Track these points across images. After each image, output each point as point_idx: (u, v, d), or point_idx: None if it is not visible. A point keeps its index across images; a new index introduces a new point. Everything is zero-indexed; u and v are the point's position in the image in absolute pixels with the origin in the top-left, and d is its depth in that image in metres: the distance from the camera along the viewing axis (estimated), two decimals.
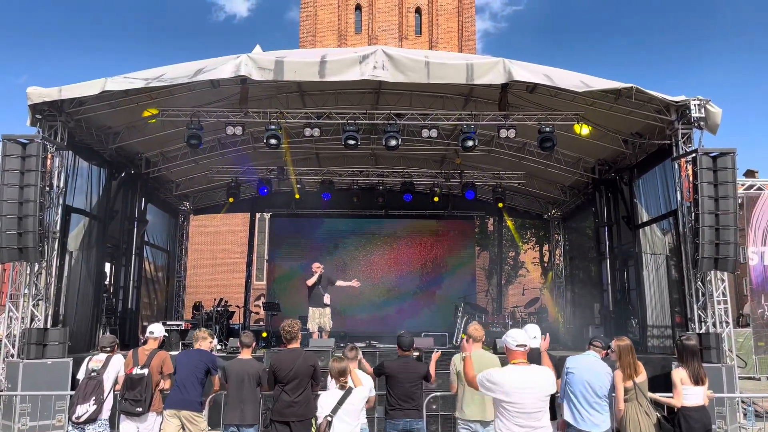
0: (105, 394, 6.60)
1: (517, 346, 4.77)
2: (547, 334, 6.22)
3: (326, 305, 12.10)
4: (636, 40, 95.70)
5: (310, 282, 12.15)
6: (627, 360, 5.92)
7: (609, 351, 6.14)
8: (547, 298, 20.22)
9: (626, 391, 5.89)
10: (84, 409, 6.42)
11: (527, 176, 16.12)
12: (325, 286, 12.20)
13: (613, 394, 5.89)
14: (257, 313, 22.71)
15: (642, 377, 5.95)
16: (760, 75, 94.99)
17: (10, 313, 9.90)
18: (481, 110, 12.02)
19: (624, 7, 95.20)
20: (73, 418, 6.46)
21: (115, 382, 6.83)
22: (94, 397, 6.49)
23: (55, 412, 8.84)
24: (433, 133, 11.85)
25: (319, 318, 11.99)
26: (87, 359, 6.92)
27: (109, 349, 6.93)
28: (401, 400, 6.19)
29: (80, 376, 6.82)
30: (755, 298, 12.95)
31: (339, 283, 12.63)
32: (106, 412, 6.60)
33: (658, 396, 6.35)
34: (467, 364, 5.22)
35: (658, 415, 5.95)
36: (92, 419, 6.44)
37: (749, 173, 26.27)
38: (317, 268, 12.18)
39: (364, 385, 5.94)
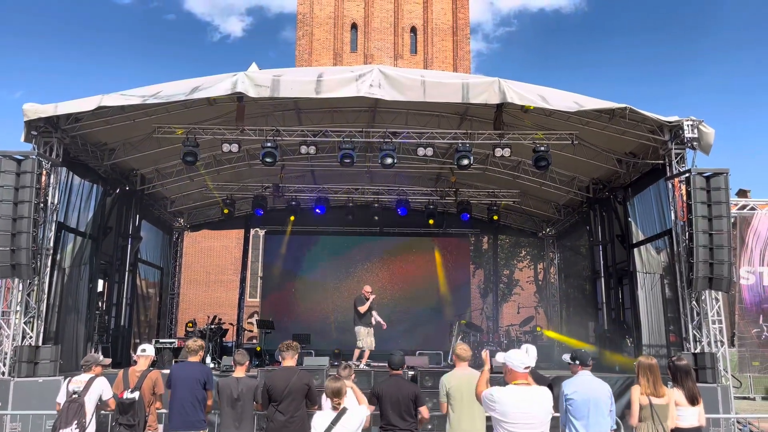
0: (87, 418, 6.36)
1: (525, 368, 4.77)
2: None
3: (372, 325, 12.53)
4: (628, 59, 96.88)
5: (363, 309, 12.46)
6: (645, 378, 5.92)
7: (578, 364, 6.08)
8: (541, 316, 20.18)
9: (641, 408, 5.86)
10: None
11: (522, 195, 16.19)
12: (372, 307, 12.59)
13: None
14: (251, 331, 22.57)
15: (663, 400, 5.89)
16: (751, 95, 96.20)
17: (2, 331, 9.79)
18: (477, 129, 12.09)
19: (615, 26, 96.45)
20: None
21: (101, 405, 6.63)
22: (76, 421, 6.27)
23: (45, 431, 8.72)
24: (429, 151, 11.90)
25: (366, 336, 12.39)
26: (66, 381, 6.66)
27: (84, 368, 6.71)
28: (393, 421, 6.07)
29: (60, 399, 6.57)
30: (746, 317, 12.93)
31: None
32: None
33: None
34: (482, 378, 5.25)
35: None
36: None
37: (741, 193, 26.46)
38: (369, 293, 12.53)
39: (361, 407, 5.86)
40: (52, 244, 10.31)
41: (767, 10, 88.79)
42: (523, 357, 4.83)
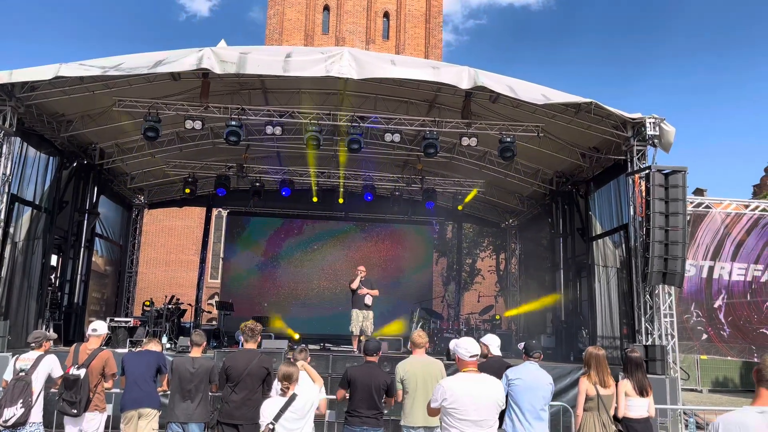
0: (34, 397, 6.23)
1: (471, 356, 4.79)
2: None
3: (368, 307, 11.95)
4: (593, 57, 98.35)
5: (354, 285, 12.02)
6: (593, 368, 6.05)
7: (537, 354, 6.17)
8: (501, 305, 20.45)
9: (588, 399, 5.99)
10: (11, 413, 6.08)
11: (487, 185, 16.29)
12: (368, 288, 12.02)
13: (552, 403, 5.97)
14: (210, 312, 22.30)
15: (609, 391, 6.04)
16: (714, 96, 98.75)
17: None
18: (445, 117, 12.09)
19: (582, 25, 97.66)
20: (1, 422, 6.10)
21: (49, 382, 6.52)
22: (21, 400, 6.14)
23: None
24: (396, 137, 11.85)
25: (363, 321, 11.86)
26: (14, 358, 6.57)
27: (35, 345, 6.57)
28: (360, 407, 6.00)
29: (7, 376, 6.44)
30: (681, 305, 13.32)
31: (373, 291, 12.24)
32: (36, 415, 6.27)
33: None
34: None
35: (616, 429, 6.03)
36: (21, 423, 6.12)
37: (698, 191, 27.13)
38: (360, 271, 12.09)
39: (310, 390, 5.76)
40: (3, 216, 9.96)
41: (727, 13, 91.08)
42: (469, 345, 4.85)
